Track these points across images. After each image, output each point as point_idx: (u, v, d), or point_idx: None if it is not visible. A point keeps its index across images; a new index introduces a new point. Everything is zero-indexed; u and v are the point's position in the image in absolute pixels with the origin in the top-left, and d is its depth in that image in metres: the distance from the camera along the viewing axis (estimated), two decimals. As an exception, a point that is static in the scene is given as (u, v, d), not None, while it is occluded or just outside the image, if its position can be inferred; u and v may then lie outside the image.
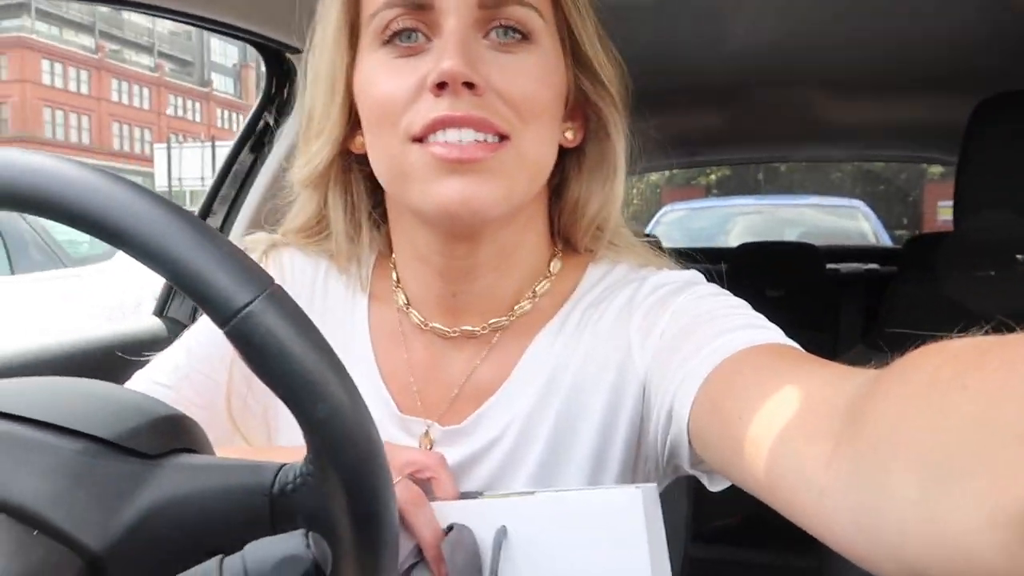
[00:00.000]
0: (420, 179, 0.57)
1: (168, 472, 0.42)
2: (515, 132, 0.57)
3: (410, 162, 0.57)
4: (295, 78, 1.34)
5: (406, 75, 0.56)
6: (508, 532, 0.57)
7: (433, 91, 0.55)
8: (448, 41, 0.55)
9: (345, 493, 0.40)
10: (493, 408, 0.63)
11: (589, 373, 0.63)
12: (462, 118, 0.54)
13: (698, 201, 7.05)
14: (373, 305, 0.69)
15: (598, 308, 0.65)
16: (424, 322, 0.66)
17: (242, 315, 0.37)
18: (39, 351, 1.12)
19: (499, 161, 0.56)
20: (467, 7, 0.56)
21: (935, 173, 14.77)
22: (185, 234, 0.38)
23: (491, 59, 0.57)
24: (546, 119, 0.60)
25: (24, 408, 0.42)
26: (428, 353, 0.66)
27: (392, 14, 0.57)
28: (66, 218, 0.38)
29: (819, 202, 6.25)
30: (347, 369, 0.57)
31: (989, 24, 1.32)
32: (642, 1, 1.22)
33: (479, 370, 0.65)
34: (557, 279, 0.67)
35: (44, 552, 0.38)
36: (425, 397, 0.65)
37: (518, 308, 0.65)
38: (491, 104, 0.56)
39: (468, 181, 0.55)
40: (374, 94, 0.58)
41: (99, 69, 41.10)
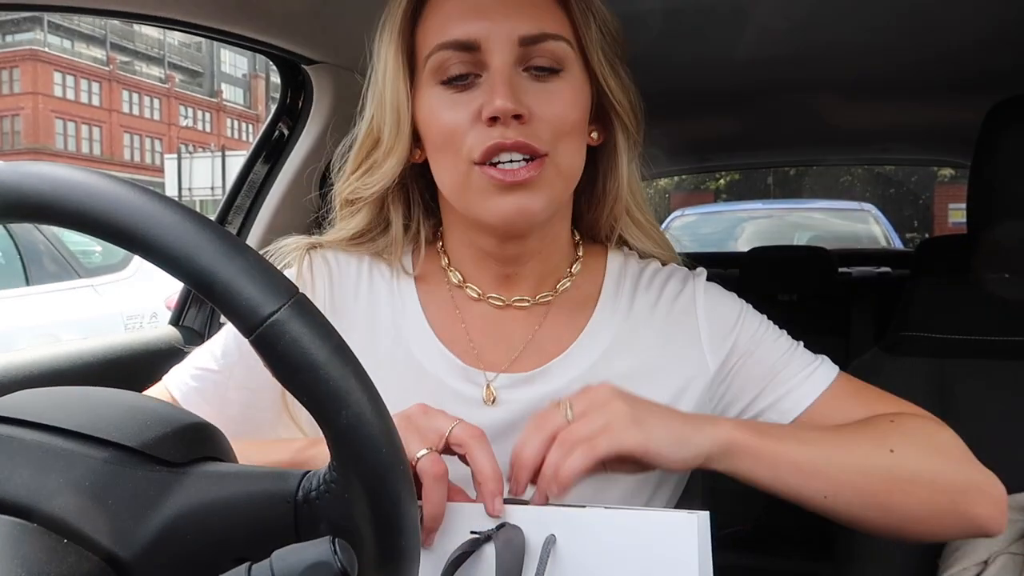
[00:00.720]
0: (482, 196, 0.68)
1: (194, 480, 0.43)
2: (552, 149, 0.68)
3: (472, 182, 0.68)
4: (310, 89, 1.35)
5: (462, 108, 0.68)
6: (557, 541, 0.58)
7: (487, 122, 0.66)
8: (496, 79, 0.66)
9: (368, 500, 0.40)
10: (558, 365, 0.74)
11: (653, 345, 0.75)
12: (512, 144, 0.66)
13: (708, 206, 7.05)
14: (420, 286, 0.78)
15: (651, 290, 0.78)
16: (482, 294, 0.77)
17: (268, 324, 0.38)
18: (57, 361, 1.13)
19: (542, 177, 0.67)
20: (510, 46, 0.67)
21: (945, 175, 14.68)
22: (211, 244, 0.38)
23: (531, 89, 0.67)
24: (576, 134, 0.71)
25: (51, 418, 0.42)
26: (485, 321, 0.76)
27: (445, 56, 0.68)
28: (93, 229, 0.39)
29: (829, 206, 6.21)
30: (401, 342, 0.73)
31: (1001, 27, 1.31)
32: (654, 7, 1.23)
33: (539, 334, 0.76)
34: (585, 261, 0.80)
35: (74, 560, 0.38)
36: (485, 356, 0.75)
37: (560, 285, 0.77)
38: (533, 129, 0.66)
39: (520, 197, 0.67)
40: (438, 126, 0.69)
41: (110, 81, 41.43)
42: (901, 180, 17.82)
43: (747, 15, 1.28)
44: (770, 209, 6.02)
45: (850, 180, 17.86)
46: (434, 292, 0.78)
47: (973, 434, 1.10)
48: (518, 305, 0.77)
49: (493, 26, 0.67)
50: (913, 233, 15.04)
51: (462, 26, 0.67)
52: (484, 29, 0.67)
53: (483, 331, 0.76)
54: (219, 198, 8.86)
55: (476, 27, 0.67)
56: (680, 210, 5.97)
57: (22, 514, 0.39)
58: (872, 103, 1.99)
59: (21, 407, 0.43)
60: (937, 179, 15.74)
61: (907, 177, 17.50)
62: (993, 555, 0.93)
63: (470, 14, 0.67)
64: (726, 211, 6.17)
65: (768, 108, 2.00)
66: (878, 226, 5.30)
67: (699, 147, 2.83)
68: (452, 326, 0.76)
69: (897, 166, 13.01)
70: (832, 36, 1.39)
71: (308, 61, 1.30)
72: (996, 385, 1.09)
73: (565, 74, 0.69)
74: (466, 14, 0.67)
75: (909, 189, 18.19)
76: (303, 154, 1.35)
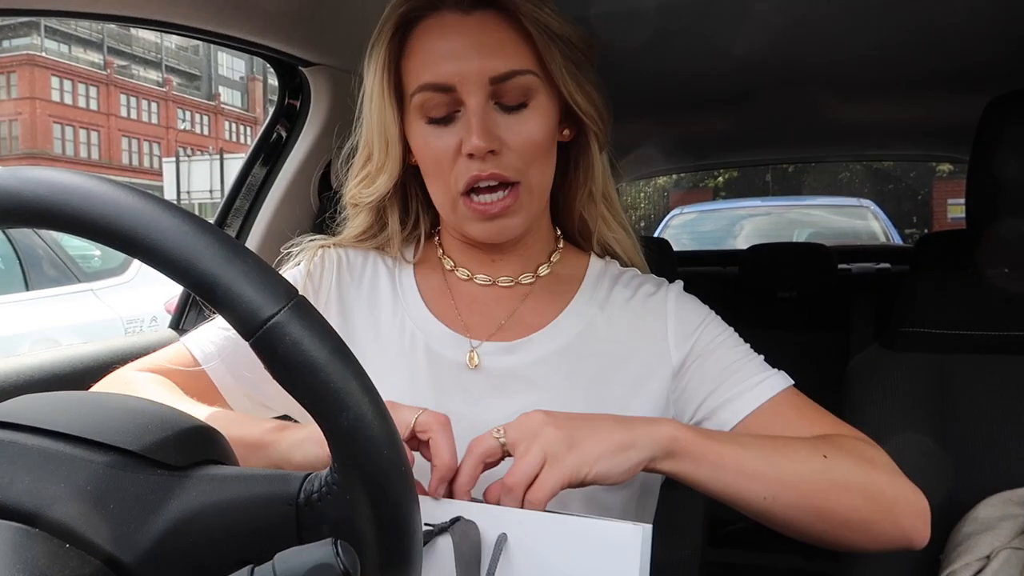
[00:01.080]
0: (467, 222, 0.79)
1: (195, 483, 0.43)
2: (524, 176, 0.77)
3: (459, 210, 0.79)
4: (307, 91, 1.34)
5: (446, 139, 0.77)
6: (509, 540, 0.59)
7: (466, 156, 0.75)
8: (471, 118, 0.74)
9: (369, 501, 0.40)
10: (537, 339, 0.82)
11: (624, 335, 0.83)
12: (488, 176, 0.75)
13: (707, 204, 7.03)
14: (418, 271, 0.89)
15: (627, 288, 0.86)
16: (470, 276, 0.86)
17: (268, 326, 0.38)
18: (58, 365, 1.13)
19: (518, 204, 0.78)
20: (482, 87, 0.75)
21: (944, 171, 14.68)
22: (210, 247, 0.38)
23: (503, 122, 0.76)
24: (545, 154, 0.79)
25: (52, 422, 0.42)
26: (472, 298, 0.86)
27: (427, 96, 0.76)
28: (92, 234, 0.39)
29: (828, 202, 6.21)
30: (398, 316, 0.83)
31: (1000, 22, 1.31)
32: (650, 5, 1.22)
33: (520, 311, 0.84)
34: (564, 253, 0.89)
35: (76, 565, 0.38)
36: (471, 327, 0.84)
37: (540, 269, 0.87)
38: (506, 159, 0.76)
39: (500, 223, 0.78)
40: (426, 154, 0.79)
41: (108, 85, 41.39)
42: (900, 176, 17.83)
43: (745, 12, 1.28)
44: (769, 206, 6.01)
45: (848, 176, 17.86)
46: (430, 276, 0.88)
47: (974, 429, 1.11)
48: (502, 284, 0.86)
49: (466, 68, 0.74)
50: (912, 229, 15.04)
51: (438, 69, 0.75)
52: (458, 72, 0.75)
53: (470, 307, 0.85)
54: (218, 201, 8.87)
55: (451, 70, 0.75)
56: (679, 208, 5.97)
57: (24, 519, 0.39)
58: (870, 99, 1.99)
59: (22, 412, 0.43)
60: (936, 174, 15.74)
61: (905, 173, 17.50)
62: (995, 550, 0.93)
63: (446, 57, 0.75)
64: (725, 209, 6.16)
65: (766, 105, 2.00)
66: (877, 222, 5.29)
67: (697, 144, 2.83)
68: (443, 303, 0.86)
69: (895, 162, 13.00)
70: (830, 32, 1.39)
71: (305, 63, 1.30)
72: (997, 380, 1.09)
73: (533, 103, 0.77)
74: (442, 57, 0.75)
75: (908, 185, 18.19)
76: (301, 156, 1.35)
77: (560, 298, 0.85)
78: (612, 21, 1.31)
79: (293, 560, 0.37)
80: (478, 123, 0.74)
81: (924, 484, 1.07)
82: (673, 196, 16.66)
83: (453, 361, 0.81)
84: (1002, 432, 1.07)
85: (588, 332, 0.83)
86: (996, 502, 0.99)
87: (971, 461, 1.06)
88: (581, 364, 0.81)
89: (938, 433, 1.08)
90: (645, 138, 2.44)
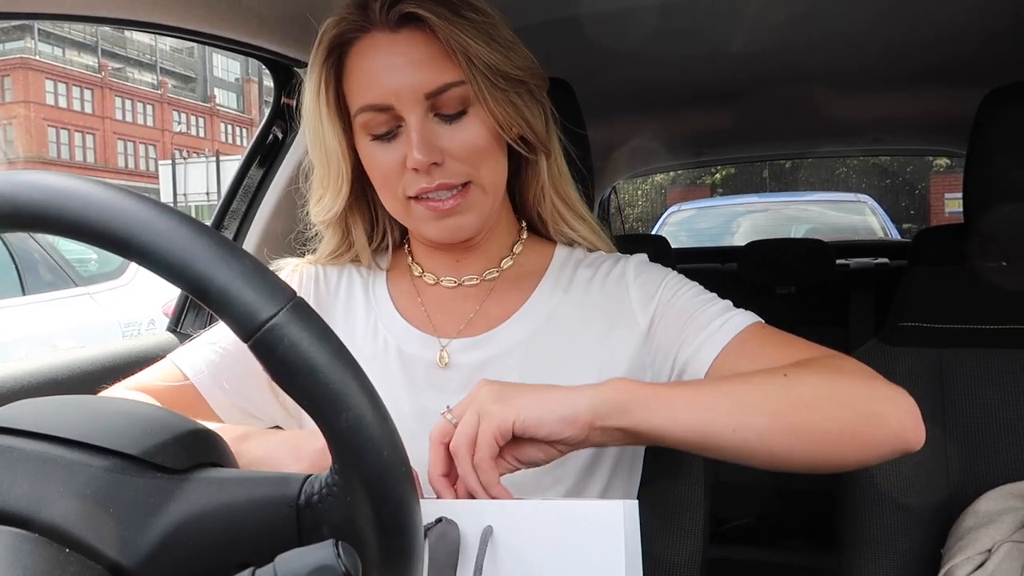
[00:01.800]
0: (422, 223, 0.81)
1: (195, 486, 0.43)
2: (474, 176, 0.79)
3: (412, 212, 0.80)
4: (304, 92, 1.34)
5: (391, 155, 0.78)
6: (494, 532, 0.60)
7: (411, 170, 0.77)
8: (412, 133, 0.76)
9: (370, 502, 0.40)
10: (503, 330, 0.84)
11: (590, 313, 0.84)
12: (435, 187, 0.77)
13: (704, 201, 7.03)
14: (390, 278, 0.91)
15: (590, 268, 0.88)
16: (437, 280, 0.88)
17: (266, 328, 0.37)
18: (56, 369, 1.13)
19: (469, 201, 0.79)
20: (418, 102, 0.76)
21: (941, 165, 14.70)
22: (207, 250, 0.38)
23: (444, 133, 0.78)
24: (492, 153, 0.80)
25: (52, 427, 0.42)
26: (440, 300, 0.88)
27: (369, 116, 0.78)
28: (88, 237, 0.39)
29: (826, 198, 6.21)
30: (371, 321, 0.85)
31: (995, 15, 1.31)
32: (646, 4, 1.22)
33: (485, 306, 0.86)
34: (528, 245, 0.90)
35: (77, 569, 0.38)
36: (440, 327, 0.86)
37: (504, 263, 0.88)
38: (451, 167, 0.78)
39: (454, 220, 0.79)
40: (374, 171, 0.81)
41: (102, 88, 41.31)
42: (897, 171, 17.84)
43: (740, 8, 1.28)
44: (767, 203, 6.02)
45: (846, 172, 17.88)
46: (400, 282, 0.91)
47: (974, 423, 1.11)
48: (468, 284, 0.88)
49: (400, 86, 0.76)
50: (910, 223, 15.05)
51: (374, 89, 0.77)
52: (393, 91, 0.76)
53: (438, 308, 0.87)
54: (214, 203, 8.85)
55: (385, 89, 0.76)
56: (676, 205, 5.97)
57: (24, 524, 0.39)
58: (866, 93, 1.99)
59: (20, 417, 0.43)
60: (933, 169, 15.75)
61: (903, 168, 17.52)
62: (996, 544, 0.93)
63: (379, 77, 0.77)
64: (723, 206, 6.16)
65: (763, 101, 2.00)
66: (875, 217, 5.29)
67: (694, 141, 2.83)
68: (414, 307, 0.88)
69: (892, 156, 13.02)
70: (826, 27, 1.39)
71: (301, 64, 1.30)
72: (996, 374, 1.09)
73: (472, 109, 0.78)
74: (376, 77, 0.77)
75: (905, 179, 18.20)
76: (298, 157, 1.35)
77: (524, 289, 0.87)
78: (609, 17, 1.31)
79: (294, 562, 0.37)
80: (418, 138, 0.76)
81: (925, 477, 1.08)
82: (670, 193, 16.67)
83: (424, 361, 0.84)
84: (1002, 426, 1.07)
85: (554, 317, 0.84)
86: (997, 496, 0.99)
87: (971, 455, 1.06)
88: (550, 349, 0.82)
89: (938, 427, 1.08)
90: (642, 134, 2.44)
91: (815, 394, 0.67)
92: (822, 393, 0.68)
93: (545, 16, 1.29)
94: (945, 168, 14.48)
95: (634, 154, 2.77)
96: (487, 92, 0.77)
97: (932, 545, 1.03)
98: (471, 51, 0.76)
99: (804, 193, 7.69)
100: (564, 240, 0.92)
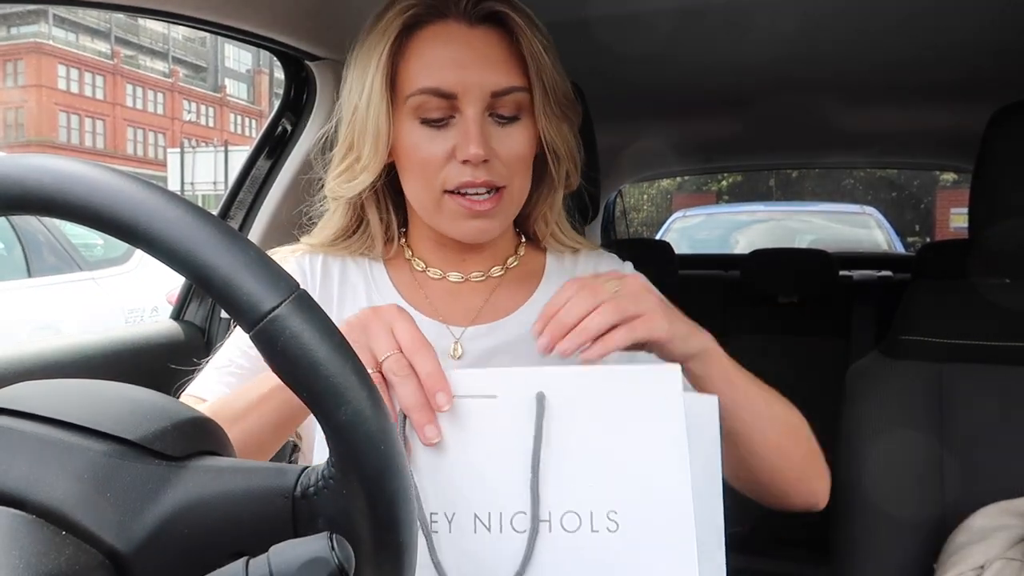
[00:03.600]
0: (451, 219, 0.82)
1: (192, 474, 0.43)
2: (509, 183, 0.81)
3: (444, 207, 0.81)
4: (313, 85, 1.35)
5: (438, 144, 0.79)
6: (547, 398, 0.62)
7: (460, 162, 0.78)
8: (470, 127, 0.77)
9: (366, 496, 0.40)
10: (511, 321, 0.87)
11: None
12: (481, 183, 0.78)
13: (709, 207, 7.04)
14: (389, 267, 0.92)
15: (589, 261, 0.93)
16: (443, 275, 0.90)
17: (268, 319, 0.38)
18: (58, 354, 1.13)
19: (500, 206, 0.81)
20: (483, 98, 0.78)
21: (948, 180, 14.67)
22: (213, 239, 0.38)
23: (496, 134, 0.80)
24: (527, 166, 0.83)
25: (51, 410, 0.43)
26: (445, 292, 0.90)
27: (425, 99, 0.78)
28: (94, 223, 0.39)
29: (831, 209, 6.19)
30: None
31: (1006, 32, 1.31)
32: (659, 9, 1.23)
33: (493, 300, 0.89)
34: (528, 247, 0.94)
35: (72, 552, 0.38)
36: (449, 316, 0.88)
37: (509, 261, 0.92)
38: (495, 168, 0.79)
39: (483, 222, 0.81)
40: (416, 157, 0.80)
41: (114, 74, 41.40)
42: (903, 184, 17.80)
43: (752, 18, 1.28)
44: (772, 212, 6.01)
45: (852, 183, 17.85)
46: (400, 273, 0.91)
47: (971, 439, 1.11)
48: (474, 280, 0.90)
49: (469, 79, 0.77)
50: (915, 237, 15.02)
51: (441, 75, 0.78)
52: (461, 82, 0.77)
53: (444, 300, 0.89)
54: (221, 193, 8.88)
55: (454, 78, 0.77)
56: (681, 211, 5.97)
57: (20, 505, 0.39)
58: (875, 106, 1.99)
59: (20, 399, 0.43)
60: (939, 183, 15.71)
61: (909, 181, 17.48)
62: (989, 560, 0.93)
63: (449, 65, 0.78)
64: (728, 213, 6.16)
65: (771, 110, 2.00)
66: (881, 231, 5.24)
67: (701, 147, 2.83)
68: (418, 297, 0.89)
69: (899, 170, 12.99)
70: (837, 40, 1.39)
71: (312, 57, 1.30)
72: (995, 390, 1.09)
73: (524, 117, 0.81)
74: (445, 65, 0.78)
75: (911, 193, 18.17)
76: (306, 150, 1.35)
77: (530, 284, 0.91)
78: (620, 22, 1.31)
79: (288, 553, 0.37)
80: (477, 133, 0.77)
81: (920, 491, 1.08)
82: (676, 199, 16.66)
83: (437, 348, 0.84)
84: (999, 442, 1.07)
85: None
86: (991, 512, 0.99)
87: (968, 470, 1.06)
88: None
89: (935, 441, 1.08)
90: (649, 138, 2.44)
91: (796, 430, 0.78)
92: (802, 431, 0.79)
93: (556, 17, 1.28)
94: (952, 183, 14.45)
95: (641, 158, 2.77)
96: (543, 104, 0.81)
97: (925, 559, 1.03)
98: (541, 61, 0.79)
99: (810, 203, 7.67)
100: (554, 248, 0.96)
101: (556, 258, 0.94)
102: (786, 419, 0.77)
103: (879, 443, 1.09)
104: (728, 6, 1.23)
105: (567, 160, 0.87)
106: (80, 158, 0.41)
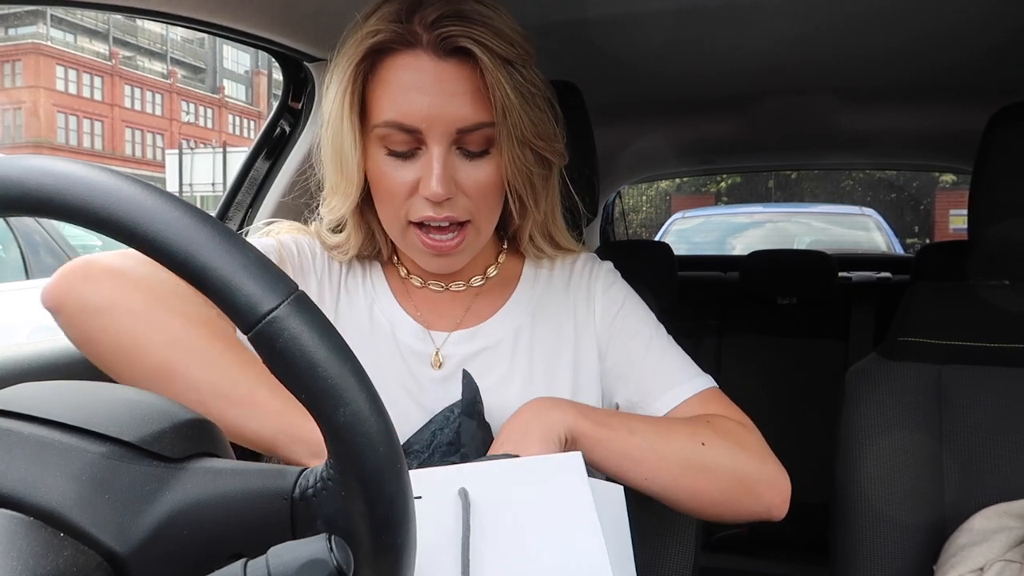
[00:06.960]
0: (415, 252, 0.83)
1: (190, 475, 0.43)
2: (475, 217, 0.81)
3: (408, 239, 0.82)
4: (312, 86, 1.34)
5: (404, 174, 0.78)
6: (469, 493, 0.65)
7: (421, 197, 0.77)
8: (434, 163, 0.76)
9: (365, 498, 0.40)
10: (491, 324, 0.90)
11: (564, 313, 0.92)
12: (442, 218, 0.78)
13: (708, 209, 7.04)
14: (386, 269, 0.94)
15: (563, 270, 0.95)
16: (423, 284, 0.92)
17: (266, 321, 0.37)
18: (57, 355, 1.13)
19: (465, 243, 0.81)
20: (448, 134, 0.76)
21: (947, 181, 14.69)
22: (211, 240, 0.38)
23: (463, 167, 0.78)
24: (496, 198, 0.82)
25: (49, 411, 0.42)
26: (427, 300, 0.92)
27: (389, 131, 0.77)
28: (93, 224, 0.39)
29: (830, 210, 6.20)
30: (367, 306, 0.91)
31: (1006, 34, 1.31)
32: (658, 9, 1.23)
33: (473, 307, 0.91)
34: (508, 255, 0.95)
35: (70, 554, 0.38)
36: (431, 323, 0.90)
37: (490, 270, 0.93)
38: (459, 203, 0.79)
39: (446, 260, 0.83)
40: (381, 184, 0.80)
41: (113, 75, 41.39)
42: (902, 185, 17.82)
43: (752, 20, 1.28)
44: (771, 213, 6.01)
45: (851, 184, 17.87)
46: (394, 278, 0.94)
47: (970, 440, 1.11)
48: (454, 289, 0.92)
49: (435, 113, 0.75)
50: (913, 239, 15.04)
51: (407, 109, 0.75)
52: (427, 117, 0.75)
53: (427, 307, 0.92)
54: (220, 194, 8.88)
55: (419, 113, 0.75)
56: (680, 212, 5.97)
57: (18, 507, 0.39)
58: (875, 107, 1.99)
59: (19, 400, 0.43)
60: (938, 185, 15.73)
61: (908, 182, 17.50)
62: (989, 562, 0.93)
63: (416, 99, 0.75)
64: (727, 214, 6.16)
65: (770, 111, 2.01)
66: (880, 234, 5.23)
67: (700, 148, 2.83)
68: (405, 301, 0.92)
69: (898, 171, 13.01)
70: (836, 42, 1.39)
71: (311, 58, 1.30)
72: (994, 392, 1.09)
73: (493, 150, 0.79)
74: (412, 99, 0.75)
75: (910, 194, 18.19)
76: (304, 151, 1.35)
77: (507, 289, 0.93)
78: (619, 22, 1.31)
79: (287, 555, 0.37)
80: (440, 170, 0.76)
81: (920, 493, 1.08)
82: (675, 200, 16.68)
83: (419, 353, 0.88)
84: (998, 444, 1.07)
85: (535, 316, 0.91)
86: (991, 514, 0.99)
87: (967, 472, 1.06)
88: (533, 341, 0.89)
89: (934, 443, 1.08)
90: (648, 139, 2.44)
91: (718, 467, 0.80)
92: (722, 467, 0.80)
93: (554, 17, 1.29)
94: (951, 184, 14.47)
95: (639, 159, 2.77)
96: (508, 144, 0.78)
97: (925, 561, 1.03)
98: (508, 102, 0.75)
99: (809, 205, 7.67)
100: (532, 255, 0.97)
101: (533, 264, 0.96)
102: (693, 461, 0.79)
103: (878, 445, 1.09)
104: (728, 7, 1.23)
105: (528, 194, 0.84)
106: (78, 159, 0.41)
